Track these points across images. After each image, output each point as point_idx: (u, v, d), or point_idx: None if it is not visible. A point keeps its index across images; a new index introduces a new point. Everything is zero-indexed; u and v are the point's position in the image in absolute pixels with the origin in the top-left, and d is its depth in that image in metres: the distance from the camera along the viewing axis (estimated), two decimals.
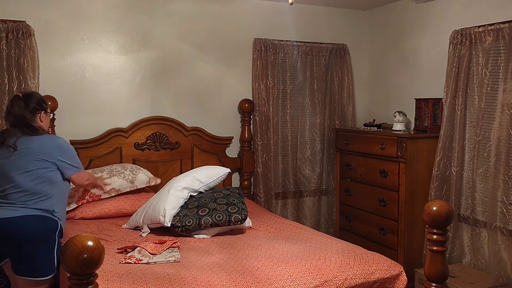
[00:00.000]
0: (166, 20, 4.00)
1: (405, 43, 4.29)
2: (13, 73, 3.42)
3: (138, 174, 3.52)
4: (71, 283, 1.62)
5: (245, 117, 4.27)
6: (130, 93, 3.93)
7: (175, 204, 3.05)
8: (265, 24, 4.33)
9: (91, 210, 3.34)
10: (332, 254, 2.54)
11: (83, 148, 3.70)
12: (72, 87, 3.73)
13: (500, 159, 3.24)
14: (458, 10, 3.70)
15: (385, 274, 2.47)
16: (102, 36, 3.81)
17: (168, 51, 4.02)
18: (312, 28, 4.54)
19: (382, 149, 3.80)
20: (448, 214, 2.14)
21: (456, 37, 3.56)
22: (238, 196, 3.22)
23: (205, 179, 3.29)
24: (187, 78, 4.11)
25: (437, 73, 3.85)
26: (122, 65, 3.89)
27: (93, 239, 1.60)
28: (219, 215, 2.97)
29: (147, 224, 3.07)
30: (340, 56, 4.59)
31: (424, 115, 3.84)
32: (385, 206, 3.78)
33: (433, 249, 2.19)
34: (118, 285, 2.16)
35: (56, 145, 2.76)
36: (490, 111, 3.39)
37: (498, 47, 3.33)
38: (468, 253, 3.64)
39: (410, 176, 3.62)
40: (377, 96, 4.66)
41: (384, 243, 3.79)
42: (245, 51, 4.28)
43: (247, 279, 2.24)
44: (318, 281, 2.30)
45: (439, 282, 2.22)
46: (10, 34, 3.40)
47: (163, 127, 3.98)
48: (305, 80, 4.49)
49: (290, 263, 2.42)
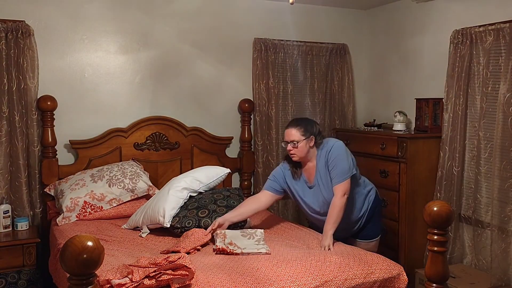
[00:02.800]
0: (166, 20, 4.00)
1: (405, 42, 4.28)
2: (13, 73, 3.41)
3: (138, 182, 3.47)
4: (71, 283, 1.62)
5: (245, 117, 4.26)
6: (129, 93, 3.92)
7: (175, 205, 3.04)
8: (265, 24, 4.32)
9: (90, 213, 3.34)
10: (332, 255, 2.54)
11: (82, 148, 3.69)
12: (71, 87, 3.72)
13: (502, 159, 3.23)
14: (459, 9, 3.70)
15: (385, 274, 2.46)
16: (101, 36, 3.80)
17: (168, 51, 4.02)
18: (312, 28, 4.53)
19: (383, 149, 3.79)
20: (448, 215, 2.13)
21: (456, 37, 3.56)
22: (238, 198, 3.22)
23: (205, 180, 3.29)
24: (187, 78, 4.11)
25: (437, 73, 3.84)
26: (121, 65, 3.88)
27: (93, 240, 1.60)
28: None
29: (147, 225, 3.07)
30: (341, 56, 4.59)
31: (424, 115, 3.84)
32: (386, 206, 3.77)
33: (434, 250, 2.19)
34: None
35: None
36: (491, 111, 3.39)
37: (498, 47, 3.32)
38: (469, 254, 3.63)
39: (410, 176, 3.62)
40: (378, 96, 4.66)
41: (384, 243, 3.78)
42: (245, 51, 4.27)
43: (247, 279, 2.24)
44: (318, 282, 2.29)
45: (440, 282, 2.21)
46: (9, 34, 3.39)
47: (163, 127, 3.97)
48: (305, 80, 4.48)
49: (290, 264, 2.41)
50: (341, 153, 2.95)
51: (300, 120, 3.12)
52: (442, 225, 2.15)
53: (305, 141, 2.94)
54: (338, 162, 2.92)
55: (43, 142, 3.55)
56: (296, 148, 2.95)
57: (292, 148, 2.96)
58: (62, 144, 3.69)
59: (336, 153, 2.94)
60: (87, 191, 3.33)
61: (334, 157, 2.93)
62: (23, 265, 3.23)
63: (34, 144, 3.53)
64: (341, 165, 2.91)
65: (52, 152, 3.58)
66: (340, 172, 2.90)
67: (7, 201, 3.45)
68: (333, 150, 2.95)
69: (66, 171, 3.62)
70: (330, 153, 2.94)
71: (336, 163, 2.91)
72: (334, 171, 2.91)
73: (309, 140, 2.95)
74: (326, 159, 2.95)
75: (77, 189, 3.34)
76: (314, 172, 3.01)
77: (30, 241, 3.25)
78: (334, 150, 2.95)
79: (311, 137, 2.96)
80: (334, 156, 2.93)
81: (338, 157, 2.92)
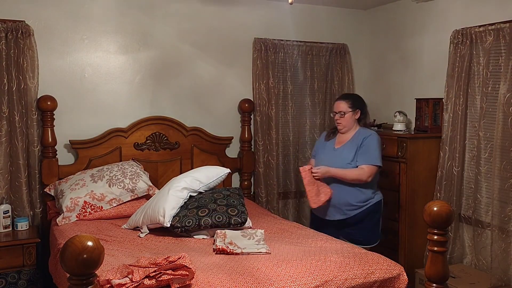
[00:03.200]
0: (166, 20, 4.00)
1: (405, 42, 4.28)
2: (13, 73, 3.41)
3: (138, 182, 3.46)
4: (71, 283, 1.62)
5: (245, 117, 4.26)
6: (129, 93, 3.92)
7: (175, 205, 3.04)
8: (265, 24, 4.32)
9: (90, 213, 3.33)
10: (332, 255, 2.54)
11: (82, 148, 3.69)
12: (71, 87, 3.72)
13: (502, 159, 3.23)
14: (459, 9, 3.70)
15: (385, 274, 2.46)
16: (101, 36, 3.80)
17: (168, 51, 4.02)
18: (312, 28, 4.53)
19: (383, 149, 3.78)
20: (448, 215, 2.13)
21: (456, 37, 3.56)
22: (238, 197, 3.22)
23: (205, 180, 3.29)
24: (187, 78, 4.10)
25: (437, 73, 3.84)
26: (121, 65, 3.88)
27: (93, 240, 1.60)
28: (218, 216, 2.97)
29: (147, 225, 3.07)
30: (340, 56, 4.59)
31: (424, 115, 3.84)
32: (386, 206, 3.77)
33: (434, 250, 2.19)
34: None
35: None
36: (491, 111, 3.39)
37: (498, 47, 3.32)
38: (469, 254, 3.63)
39: (410, 176, 3.62)
40: (378, 96, 4.66)
41: (384, 243, 3.78)
42: (245, 51, 4.27)
43: (247, 279, 2.24)
44: (318, 282, 2.29)
45: (440, 282, 2.21)
46: (9, 34, 3.39)
47: (163, 127, 3.97)
48: (305, 80, 4.48)
49: (290, 264, 2.41)
50: (377, 143, 3.30)
51: (350, 94, 3.71)
52: (442, 225, 2.15)
53: (352, 113, 3.36)
54: (372, 147, 3.27)
55: (43, 142, 3.55)
56: (343, 118, 3.35)
57: (339, 118, 3.36)
58: (62, 144, 3.69)
59: (373, 140, 3.29)
60: (87, 191, 3.33)
61: (370, 142, 3.28)
62: (23, 265, 3.23)
63: (34, 144, 3.53)
64: (374, 151, 3.26)
65: (52, 152, 3.58)
66: (371, 155, 3.24)
67: (7, 201, 3.45)
68: (372, 136, 3.31)
69: (66, 171, 3.62)
70: (369, 138, 3.29)
71: (370, 147, 3.26)
72: (365, 153, 3.25)
73: (355, 113, 3.37)
74: (361, 140, 3.29)
75: (77, 189, 3.34)
76: (344, 142, 3.37)
77: (30, 241, 3.25)
78: (373, 137, 3.32)
79: (357, 110, 3.38)
80: (370, 141, 3.28)
81: (373, 144, 3.28)
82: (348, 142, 3.35)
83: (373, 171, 3.23)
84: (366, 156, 3.24)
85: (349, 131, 3.39)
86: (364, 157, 3.24)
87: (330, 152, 3.41)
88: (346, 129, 3.38)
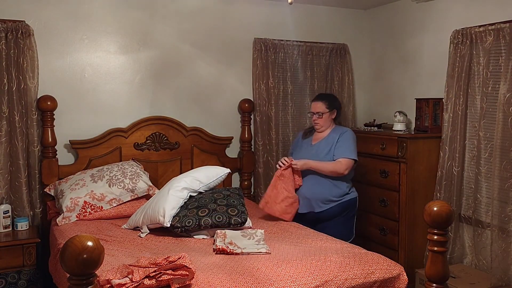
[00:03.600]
0: (166, 20, 3.99)
1: (405, 42, 4.28)
2: (13, 73, 3.41)
3: (138, 182, 3.46)
4: (71, 283, 1.62)
5: (245, 117, 4.26)
6: (129, 93, 3.92)
7: (175, 205, 3.04)
8: (265, 24, 4.32)
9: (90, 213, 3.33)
10: (332, 255, 2.54)
11: (82, 148, 3.69)
12: (71, 87, 3.72)
13: (502, 159, 3.23)
14: (459, 9, 3.70)
15: (385, 274, 2.46)
16: (101, 36, 3.80)
17: (168, 51, 4.02)
18: (312, 28, 4.53)
19: (383, 149, 3.79)
20: (448, 215, 2.13)
21: (456, 37, 3.55)
22: (238, 197, 3.22)
23: (205, 180, 3.29)
24: (187, 78, 4.10)
25: (437, 73, 3.84)
26: (121, 65, 3.88)
27: (93, 240, 1.59)
28: (219, 216, 2.97)
29: (147, 225, 3.06)
30: (341, 56, 4.58)
31: (424, 115, 3.83)
32: (386, 206, 3.77)
33: (434, 250, 2.19)
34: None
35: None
36: (491, 111, 3.39)
37: (499, 47, 3.32)
38: (469, 254, 3.63)
39: (410, 176, 3.62)
40: (378, 96, 4.66)
41: (384, 243, 3.79)
42: (245, 50, 4.27)
43: (247, 279, 2.24)
44: (318, 282, 2.29)
45: (440, 282, 2.20)
46: (9, 34, 3.39)
47: (163, 127, 3.97)
48: (305, 80, 4.48)
49: (290, 264, 2.41)
50: (352, 139, 3.49)
51: (326, 95, 3.80)
52: (442, 225, 2.15)
53: (329, 113, 3.53)
54: (348, 142, 3.43)
55: (43, 142, 3.55)
56: (320, 119, 3.51)
57: (317, 118, 3.53)
58: (62, 144, 3.69)
59: (349, 136, 3.47)
60: (87, 191, 3.33)
61: (346, 137, 3.45)
62: (23, 265, 3.23)
63: (34, 144, 3.53)
64: (350, 145, 3.43)
65: (52, 152, 3.58)
66: (347, 149, 3.40)
67: (7, 201, 3.45)
68: (348, 132, 3.50)
69: (66, 171, 3.62)
70: (344, 134, 3.47)
71: (346, 142, 3.43)
72: (341, 147, 3.40)
73: (331, 113, 3.54)
74: (337, 137, 3.45)
75: (77, 189, 3.34)
76: (321, 138, 3.54)
77: (30, 241, 3.25)
78: (349, 133, 3.51)
79: (334, 110, 3.55)
80: (346, 137, 3.46)
81: (349, 140, 3.45)
82: (324, 139, 3.53)
83: (349, 164, 3.38)
84: (343, 149, 3.40)
85: (326, 130, 3.56)
86: (341, 150, 3.40)
87: (307, 148, 3.58)
88: (324, 128, 3.55)
